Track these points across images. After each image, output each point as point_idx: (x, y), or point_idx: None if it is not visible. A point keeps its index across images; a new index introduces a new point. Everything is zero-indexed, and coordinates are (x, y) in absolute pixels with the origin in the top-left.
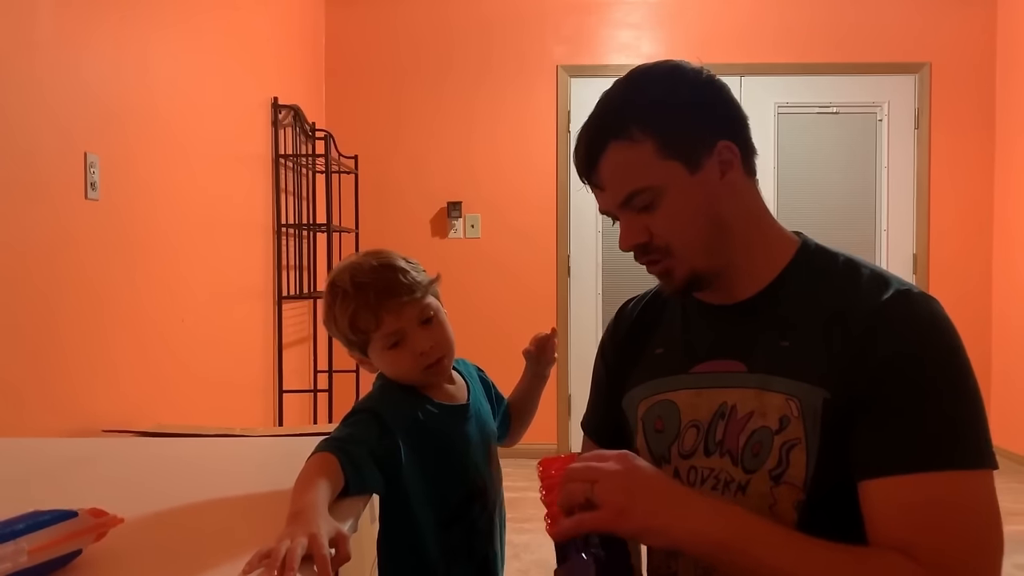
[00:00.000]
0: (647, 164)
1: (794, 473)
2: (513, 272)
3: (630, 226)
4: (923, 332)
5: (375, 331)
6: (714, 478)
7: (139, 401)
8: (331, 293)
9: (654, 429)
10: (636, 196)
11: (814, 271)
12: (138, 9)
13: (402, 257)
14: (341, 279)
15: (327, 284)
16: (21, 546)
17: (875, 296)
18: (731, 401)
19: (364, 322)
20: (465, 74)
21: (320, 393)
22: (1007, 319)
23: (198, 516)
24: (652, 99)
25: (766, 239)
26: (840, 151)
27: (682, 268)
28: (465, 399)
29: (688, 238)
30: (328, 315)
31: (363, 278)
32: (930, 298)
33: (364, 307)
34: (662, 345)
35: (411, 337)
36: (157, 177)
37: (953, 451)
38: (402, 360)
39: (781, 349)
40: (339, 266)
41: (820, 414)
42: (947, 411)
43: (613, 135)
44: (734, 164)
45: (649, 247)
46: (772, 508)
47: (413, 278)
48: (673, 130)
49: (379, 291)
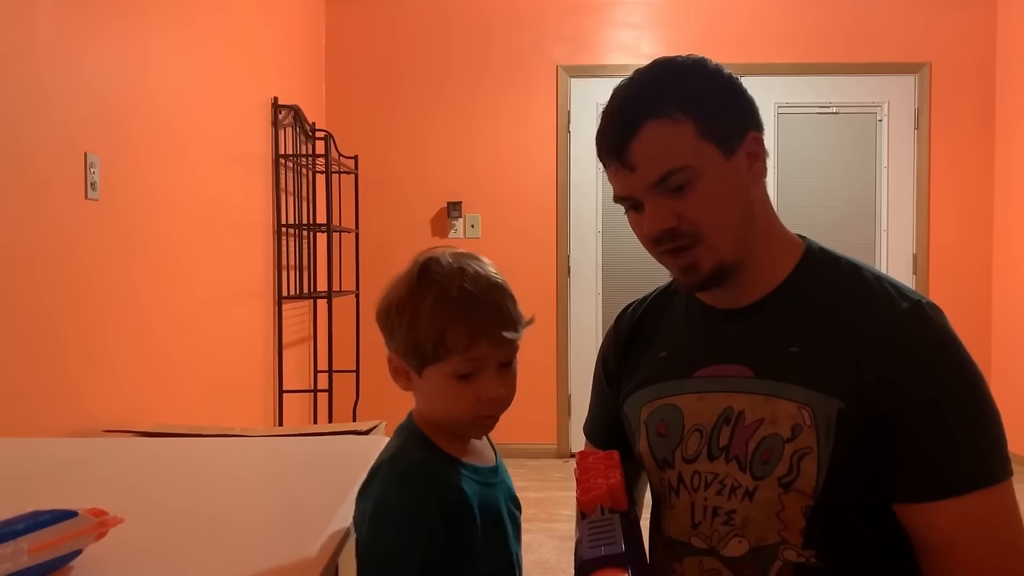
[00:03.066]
0: (687, 144)
1: (804, 481)
2: (513, 272)
3: (659, 210)
4: (941, 348)
5: (459, 353)
6: (718, 483)
7: (139, 401)
8: (424, 284)
9: (657, 433)
10: (673, 175)
11: (820, 275)
12: (139, 9)
13: (501, 275)
14: (450, 279)
15: (417, 270)
16: (21, 546)
17: (889, 309)
18: (737, 406)
19: (455, 338)
20: (465, 74)
21: (320, 393)
22: (1007, 319)
23: (198, 516)
24: (691, 83)
25: (777, 239)
26: (840, 151)
27: (710, 258)
28: (493, 458)
29: (721, 223)
30: (405, 309)
31: (475, 288)
32: (937, 308)
33: (465, 322)
34: (665, 349)
35: (487, 377)
36: (157, 177)
37: (985, 468)
38: (463, 398)
39: (791, 355)
40: (437, 256)
41: (834, 424)
42: (973, 429)
43: (652, 114)
44: (760, 157)
45: (677, 233)
46: (779, 514)
47: (519, 312)
48: (711, 113)
49: (490, 312)
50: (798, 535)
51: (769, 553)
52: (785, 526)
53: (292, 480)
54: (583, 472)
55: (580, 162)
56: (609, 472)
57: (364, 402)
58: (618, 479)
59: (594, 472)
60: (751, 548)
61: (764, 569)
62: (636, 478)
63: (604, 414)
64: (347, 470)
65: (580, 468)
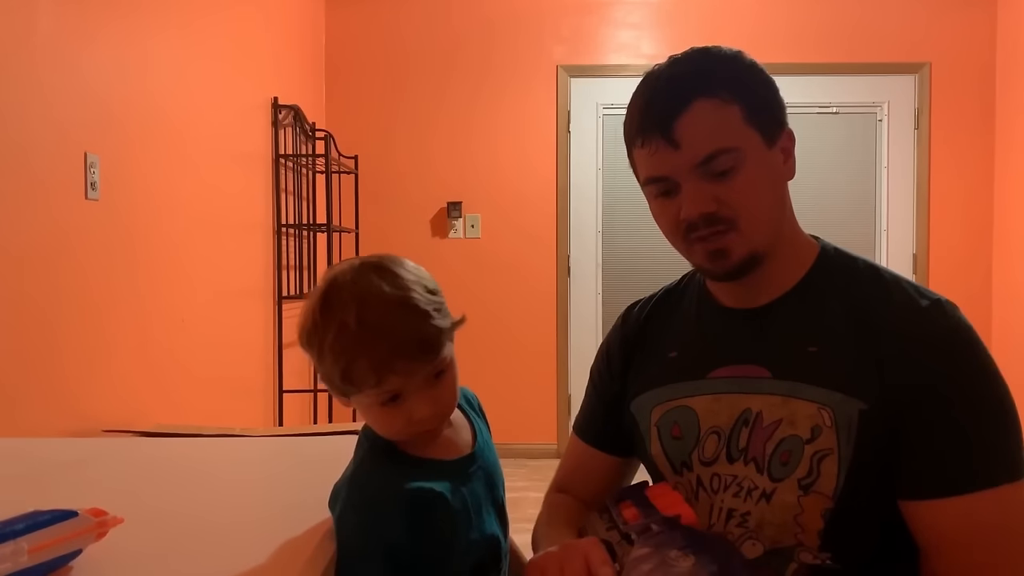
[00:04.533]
0: (735, 126)
1: (825, 483)
2: (513, 272)
3: (699, 193)
4: (962, 345)
5: (371, 387)
6: (737, 485)
7: (139, 401)
8: (325, 317)
9: (671, 436)
10: (720, 156)
11: (837, 275)
12: (138, 9)
13: (420, 282)
14: (344, 309)
15: (318, 300)
16: (21, 546)
17: (909, 308)
18: (755, 408)
19: (361, 374)
20: (465, 74)
21: (320, 393)
22: (1007, 319)
23: (198, 516)
24: (737, 68)
25: (796, 238)
26: (840, 151)
27: (742, 245)
28: (470, 444)
29: (758, 211)
30: (312, 341)
31: (375, 317)
32: (956, 307)
33: (366, 358)
34: (675, 349)
35: (412, 399)
36: (157, 177)
37: (998, 467)
38: (393, 421)
39: (809, 355)
40: (339, 278)
41: (856, 425)
42: (988, 427)
43: (702, 92)
44: (791, 154)
45: (715, 217)
46: (797, 517)
47: (437, 326)
48: (757, 100)
49: (393, 346)
50: (815, 537)
51: (784, 556)
52: (802, 528)
53: (292, 480)
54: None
55: (580, 162)
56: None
57: None
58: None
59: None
60: (765, 551)
61: (779, 572)
62: (630, 479)
63: (603, 414)
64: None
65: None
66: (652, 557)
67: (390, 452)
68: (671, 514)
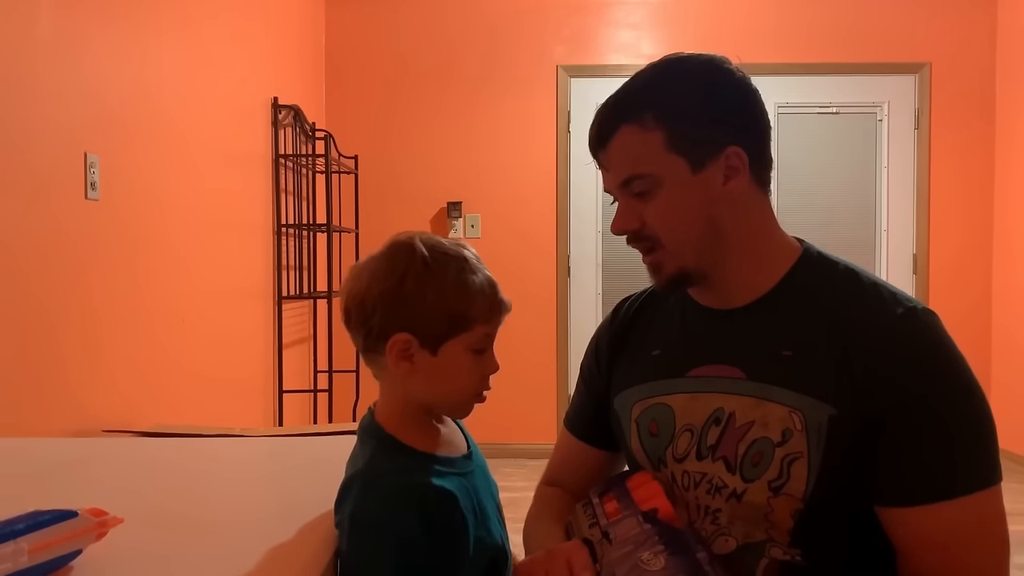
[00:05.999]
0: (652, 153)
1: (795, 486)
2: (513, 272)
3: (625, 210)
4: (934, 355)
5: (482, 323)
6: (707, 482)
7: (139, 401)
8: (443, 261)
9: (648, 432)
10: (634, 181)
11: (815, 279)
12: (138, 9)
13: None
14: (462, 253)
15: (426, 249)
16: (21, 546)
17: (883, 314)
18: (728, 408)
19: (480, 307)
20: (465, 74)
21: (320, 393)
22: (1007, 319)
23: (198, 516)
24: (673, 92)
25: (767, 248)
26: (840, 151)
27: (671, 263)
28: (464, 444)
29: (678, 234)
30: (427, 282)
31: (480, 263)
32: (933, 314)
33: (484, 291)
34: (658, 347)
35: (491, 354)
36: (157, 177)
37: (971, 474)
38: (474, 373)
39: (783, 359)
40: (426, 237)
41: (825, 430)
42: (962, 435)
43: (627, 118)
44: (740, 171)
45: (640, 235)
46: (768, 516)
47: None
48: (684, 127)
49: (494, 285)
50: (785, 535)
51: (756, 550)
52: (772, 525)
53: (292, 480)
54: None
55: (580, 162)
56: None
57: (364, 402)
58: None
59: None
60: (739, 546)
61: (752, 566)
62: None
63: (592, 407)
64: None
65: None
66: (627, 560)
67: (399, 448)
68: (648, 508)
